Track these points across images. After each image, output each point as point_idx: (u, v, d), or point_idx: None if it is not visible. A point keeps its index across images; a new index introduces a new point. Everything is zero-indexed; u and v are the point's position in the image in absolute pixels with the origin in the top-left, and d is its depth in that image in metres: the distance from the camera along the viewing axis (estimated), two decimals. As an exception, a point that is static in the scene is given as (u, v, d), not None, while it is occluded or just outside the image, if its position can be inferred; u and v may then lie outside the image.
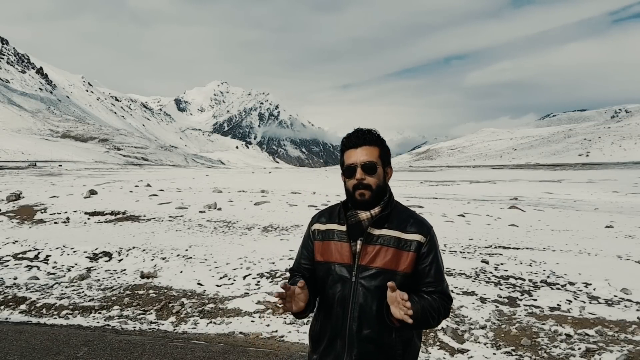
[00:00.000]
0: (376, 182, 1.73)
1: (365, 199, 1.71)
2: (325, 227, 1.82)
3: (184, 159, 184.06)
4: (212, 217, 12.11)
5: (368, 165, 1.71)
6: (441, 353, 4.25)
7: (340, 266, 1.74)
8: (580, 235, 10.93)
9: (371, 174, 1.72)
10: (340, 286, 1.73)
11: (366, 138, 1.75)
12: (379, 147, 1.76)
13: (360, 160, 1.71)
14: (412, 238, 1.72)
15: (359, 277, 1.70)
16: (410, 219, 1.77)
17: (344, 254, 1.74)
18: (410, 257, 1.71)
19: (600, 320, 4.75)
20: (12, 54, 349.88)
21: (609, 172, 63.25)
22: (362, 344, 1.69)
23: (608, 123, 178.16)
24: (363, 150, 1.73)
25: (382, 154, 1.77)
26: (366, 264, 1.70)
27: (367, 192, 1.71)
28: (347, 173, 1.75)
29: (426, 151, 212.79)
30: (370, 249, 1.70)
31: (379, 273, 1.69)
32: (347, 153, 1.76)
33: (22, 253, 7.94)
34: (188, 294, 5.79)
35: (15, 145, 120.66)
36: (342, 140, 1.82)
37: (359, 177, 1.71)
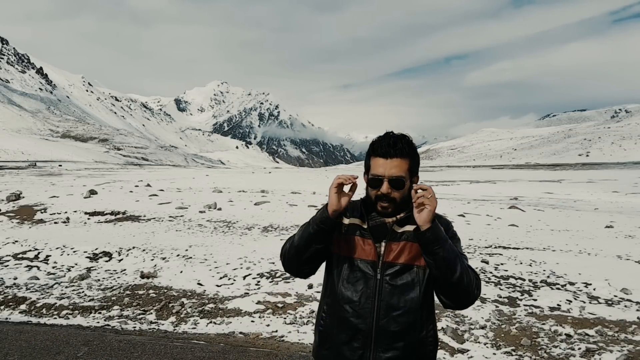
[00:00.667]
0: (401, 196, 1.65)
1: (388, 211, 1.66)
2: (348, 220, 1.73)
3: (184, 159, 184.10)
4: (212, 217, 12.11)
5: (396, 180, 1.62)
6: (441, 353, 4.25)
7: (364, 262, 1.68)
8: (580, 235, 10.93)
9: (398, 189, 1.63)
10: (364, 282, 1.67)
11: (398, 149, 1.62)
12: (410, 158, 1.65)
13: (388, 174, 1.61)
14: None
15: (384, 274, 1.66)
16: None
17: (368, 251, 1.68)
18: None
19: (600, 320, 4.75)
20: (12, 54, 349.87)
21: (609, 172, 63.26)
22: (391, 341, 1.65)
23: (608, 123, 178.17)
24: (393, 162, 1.62)
25: (412, 165, 1.66)
26: (391, 260, 1.65)
27: (391, 205, 1.64)
28: (372, 183, 1.65)
29: (426, 151, 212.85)
30: (395, 245, 1.66)
31: (404, 269, 1.65)
32: (375, 161, 1.64)
33: (22, 253, 7.94)
34: (188, 294, 5.79)
35: (15, 145, 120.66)
36: (371, 142, 1.70)
37: (385, 191, 1.62)
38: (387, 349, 1.65)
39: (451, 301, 1.65)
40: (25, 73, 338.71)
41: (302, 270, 1.76)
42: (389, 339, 1.65)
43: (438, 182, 46.25)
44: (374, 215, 1.71)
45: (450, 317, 4.85)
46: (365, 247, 1.68)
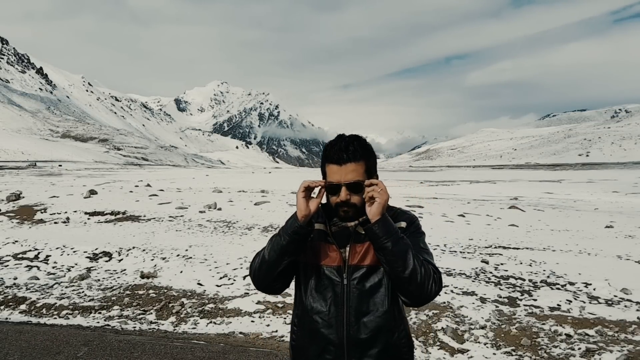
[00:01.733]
0: (360, 201, 1.58)
1: (350, 215, 1.60)
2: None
3: (184, 159, 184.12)
4: (212, 217, 12.11)
5: (353, 185, 1.56)
6: (441, 353, 4.25)
7: (330, 269, 1.61)
8: (580, 235, 10.93)
9: (357, 193, 1.57)
10: (332, 290, 1.61)
11: (350, 153, 1.56)
12: (365, 160, 1.60)
13: (344, 180, 1.56)
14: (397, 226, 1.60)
15: (351, 278, 1.60)
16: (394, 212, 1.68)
17: (333, 257, 1.62)
18: None
19: (600, 320, 4.75)
20: (12, 54, 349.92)
21: (609, 172, 63.27)
22: (364, 349, 1.59)
23: (608, 123, 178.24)
24: (348, 167, 1.56)
25: (368, 166, 1.61)
26: (357, 263, 1.60)
27: (352, 209, 1.58)
28: (330, 190, 1.59)
29: (426, 151, 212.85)
30: (359, 247, 1.60)
31: (370, 270, 1.59)
32: (330, 168, 1.59)
33: (22, 253, 7.95)
34: (188, 294, 5.79)
35: (15, 145, 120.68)
36: (325, 146, 1.64)
37: (344, 197, 1.56)
38: (361, 357, 1.59)
39: (406, 297, 1.57)
40: (25, 73, 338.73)
41: (274, 287, 1.67)
42: (362, 348, 1.59)
43: (438, 182, 46.24)
44: (336, 220, 1.66)
45: (450, 317, 4.85)
46: (331, 253, 1.62)
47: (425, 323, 4.76)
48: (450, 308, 5.09)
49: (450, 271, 6.73)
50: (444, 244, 9.11)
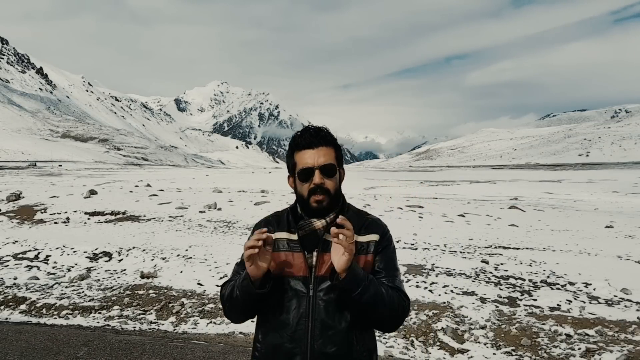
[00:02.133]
0: (334, 187, 1.56)
1: (323, 205, 1.54)
2: (274, 236, 1.59)
3: (184, 159, 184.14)
4: (212, 217, 12.11)
5: (327, 167, 1.54)
6: (441, 353, 4.25)
7: (296, 280, 1.54)
8: (580, 236, 10.93)
9: (330, 177, 1.55)
10: (297, 302, 1.53)
11: (322, 137, 1.57)
12: (334, 147, 1.60)
13: (318, 162, 1.53)
14: (368, 239, 1.59)
15: (317, 290, 1.52)
16: (365, 221, 1.64)
17: (299, 266, 1.54)
18: (368, 260, 1.57)
19: (600, 320, 4.75)
20: (12, 54, 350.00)
21: (609, 172, 63.30)
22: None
23: (608, 123, 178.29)
24: (320, 151, 1.55)
25: (337, 155, 1.60)
26: (324, 274, 1.52)
27: (325, 197, 1.54)
28: (302, 176, 1.55)
29: (426, 151, 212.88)
30: (327, 257, 1.51)
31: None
32: (301, 154, 1.56)
33: (22, 253, 7.95)
34: (188, 294, 5.79)
35: (15, 145, 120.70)
36: (292, 138, 1.62)
37: (318, 181, 1.52)
38: None
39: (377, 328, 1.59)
40: (25, 73, 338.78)
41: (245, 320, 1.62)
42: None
43: (438, 182, 46.25)
44: (303, 224, 1.59)
45: (450, 317, 4.85)
46: (296, 262, 1.55)
47: (425, 323, 4.76)
48: (450, 308, 5.09)
49: (450, 271, 6.73)
50: (444, 244, 9.11)
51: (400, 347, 4.36)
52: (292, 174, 1.63)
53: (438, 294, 5.59)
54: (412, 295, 5.49)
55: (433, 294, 5.57)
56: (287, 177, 1.67)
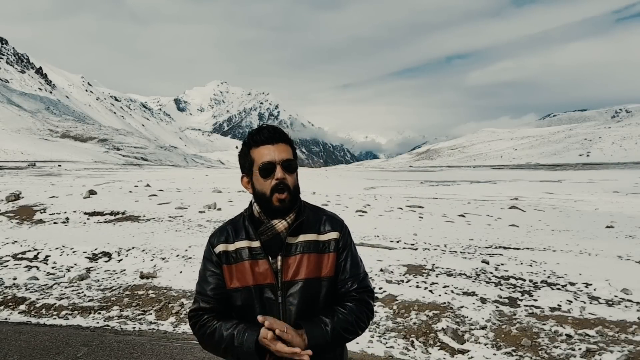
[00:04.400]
0: (294, 183, 1.55)
1: (286, 203, 1.51)
2: (233, 246, 1.57)
3: (183, 159, 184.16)
4: (211, 217, 12.10)
5: (288, 163, 1.53)
6: (441, 353, 4.24)
7: (263, 288, 1.52)
8: (581, 236, 10.93)
9: (291, 173, 1.54)
10: (267, 310, 1.51)
11: (280, 134, 1.57)
12: (291, 145, 1.60)
13: (279, 158, 1.52)
14: (329, 237, 1.58)
15: (286, 295, 1.52)
16: (322, 218, 1.62)
17: (265, 274, 1.52)
18: (331, 258, 1.57)
19: (601, 320, 4.74)
20: (12, 53, 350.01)
21: (610, 172, 63.32)
22: None
23: (608, 123, 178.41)
24: (280, 147, 1.54)
25: (294, 152, 1.60)
26: (290, 278, 1.52)
27: (287, 194, 1.51)
28: (263, 172, 1.51)
29: (426, 151, 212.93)
30: (292, 260, 1.52)
31: (305, 285, 1.52)
32: (261, 150, 1.53)
33: (21, 253, 7.93)
34: (188, 294, 5.78)
35: (15, 145, 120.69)
36: (248, 135, 1.60)
37: (280, 176, 1.50)
38: None
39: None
40: (24, 73, 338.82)
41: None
42: None
43: (438, 182, 46.24)
44: (265, 228, 1.55)
45: (451, 318, 4.84)
46: (260, 270, 1.52)
47: (426, 323, 4.75)
48: (450, 308, 5.08)
49: (450, 271, 6.72)
50: (444, 244, 9.10)
51: (400, 347, 4.35)
52: (248, 173, 1.58)
53: (438, 294, 5.58)
54: (413, 296, 5.48)
55: (433, 294, 5.56)
56: (241, 178, 1.63)
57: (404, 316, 4.97)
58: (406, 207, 15.74)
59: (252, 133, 1.59)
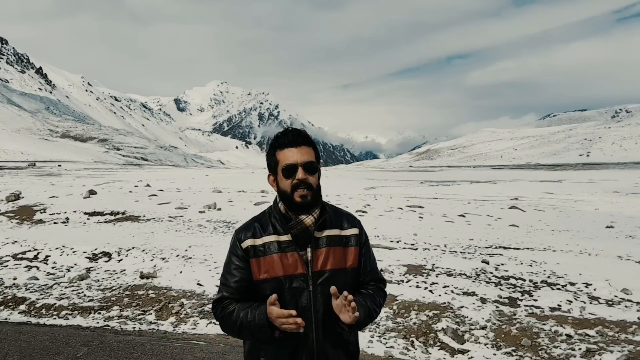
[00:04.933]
0: (316, 182, 1.68)
1: (308, 200, 1.65)
2: (261, 241, 1.69)
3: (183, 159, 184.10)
4: (211, 217, 12.10)
5: (309, 165, 1.66)
6: (441, 353, 4.24)
7: (294, 278, 1.65)
8: (581, 236, 10.93)
9: (312, 174, 1.67)
10: (298, 298, 1.64)
11: (303, 137, 1.70)
12: (314, 148, 1.73)
13: (300, 160, 1.65)
14: (350, 233, 1.76)
15: (317, 284, 1.65)
16: (342, 215, 1.80)
17: (295, 265, 1.65)
18: (354, 251, 1.74)
19: (601, 320, 4.74)
20: (12, 53, 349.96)
21: (610, 172, 63.32)
22: (331, 349, 1.68)
23: (609, 123, 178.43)
24: (302, 149, 1.67)
25: (317, 154, 1.74)
26: (320, 268, 1.66)
27: (309, 192, 1.64)
28: (286, 173, 1.65)
29: (426, 151, 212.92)
30: (320, 252, 1.67)
31: (333, 274, 1.67)
32: (284, 152, 1.67)
33: (21, 253, 7.94)
34: (188, 295, 5.78)
35: (15, 145, 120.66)
36: (274, 138, 1.73)
37: (301, 177, 1.63)
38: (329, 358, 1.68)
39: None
40: (24, 73, 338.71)
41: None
42: (330, 349, 1.68)
43: (438, 182, 46.24)
44: (294, 223, 1.67)
45: (451, 318, 4.84)
46: (290, 262, 1.65)
47: (426, 323, 4.75)
48: (450, 308, 5.08)
49: (450, 271, 6.72)
50: (444, 244, 9.10)
51: (400, 347, 4.35)
52: (273, 172, 1.72)
53: (438, 294, 5.58)
54: (413, 296, 5.48)
55: (433, 294, 5.56)
56: (268, 176, 1.77)
57: (404, 316, 4.97)
58: (406, 207, 15.74)
59: (278, 136, 1.71)
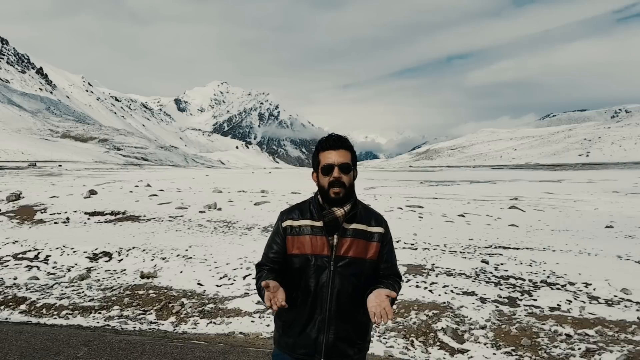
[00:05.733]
0: (349, 181, 1.97)
1: (340, 196, 1.94)
2: (298, 223, 2.02)
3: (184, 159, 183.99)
4: (212, 217, 12.10)
5: (344, 166, 1.95)
6: (441, 353, 4.25)
7: (319, 257, 1.95)
8: (581, 236, 10.93)
9: (346, 174, 1.96)
10: (318, 275, 1.95)
11: (342, 142, 1.99)
12: (351, 151, 2.01)
13: (337, 161, 1.94)
14: (375, 230, 2.02)
15: (337, 265, 1.95)
16: (372, 215, 2.06)
17: (322, 247, 1.95)
18: (375, 246, 2.01)
19: (600, 320, 4.75)
20: (12, 54, 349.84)
21: (609, 172, 63.30)
22: (340, 322, 1.96)
23: (608, 123, 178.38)
24: (340, 152, 1.96)
25: (353, 157, 2.01)
26: (342, 254, 1.95)
27: (342, 189, 1.94)
28: (324, 171, 1.96)
29: (426, 151, 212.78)
30: (345, 241, 1.96)
31: (352, 261, 1.96)
32: (325, 154, 1.97)
33: (22, 253, 7.94)
34: (188, 294, 5.79)
35: (15, 145, 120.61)
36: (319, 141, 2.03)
37: (336, 175, 1.93)
38: (338, 330, 1.96)
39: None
40: (25, 73, 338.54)
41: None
42: (339, 322, 1.96)
43: (438, 182, 46.24)
44: (327, 212, 1.98)
45: (450, 317, 4.85)
46: (319, 243, 1.96)
47: (425, 323, 4.76)
48: (450, 308, 5.09)
49: (450, 271, 6.73)
50: (444, 244, 9.11)
51: (400, 347, 4.36)
52: (316, 170, 2.03)
53: (438, 294, 5.59)
54: (412, 295, 5.49)
55: (433, 294, 5.57)
56: (312, 173, 2.08)
57: (403, 316, 4.98)
58: (406, 207, 15.75)
59: (322, 140, 2.03)
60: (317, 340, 1.96)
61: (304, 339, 1.99)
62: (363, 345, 2.06)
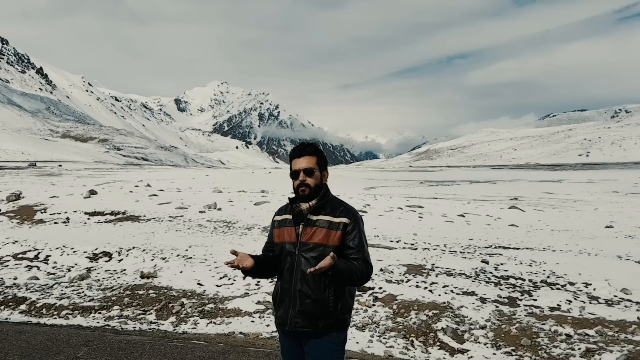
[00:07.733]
0: (314, 182, 2.34)
1: (306, 194, 2.33)
2: (281, 217, 2.47)
3: (184, 159, 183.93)
4: (212, 217, 12.10)
5: (307, 171, 2.34)
6: (441, 353, 4.25)
7: (289, 244, 2.35)
8: (580, 236, 10.93)
9: (310, 176, 2.34)
10: (289, 258, 2.34)
11: (306, 150, 2.37)
12: (316, 156, 2.38)
13: (302, 166, 2.34)
14: (340, 220, 2.31)
15: (301, 250, 2.31)
16: (340, 207, 2.36)
17: (291, 235, 2.35)
18: (337, 234, 2.29)
19: (600, 320, 4.75)
20: (12, 54, 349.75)
21: (609, 172, 63.29)
22: (303, 299, 2.28)
23: (608, 123, 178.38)
24: (304, 159, 2.36)
25: (319, 161, 2.38)
26: (306, 240, 2.30)
27: (307, 189, 2.33)
28: (293, 175, 2.39)
29: (426, 151, 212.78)
30: (309, 230, 2.31)
31: (314, 247, 2.28)
32: (293, 161, 2.39)
33: (22, 253, 7.95)
34: (188, 294, 5.80)
35: (15, 145, 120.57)
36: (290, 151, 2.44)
37: (301, 178, 2.34)
38: (301, 304, 2.28)
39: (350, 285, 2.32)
40: (25, 73, 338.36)
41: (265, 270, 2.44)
42: (302, 297, 2.28)
43: (438, 182, 46.24)
44: (295, 207, 2.36)
45: (450, 317, 4.85)
46: (289, 233, 2.37)
47: (425, 323, 4.76)
48: (450, 308, 5.09)
49: (450, 271, 6.73)
50: (444, 244, 9.11)
51: (400, 347, 4.36)
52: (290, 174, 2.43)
53: (438, 294, 5.59)
54: (412, 295, 5.49)
55: (433, 294, 5.57)
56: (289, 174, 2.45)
57: (403, 316, 4.98)
58: (406, 207, 15.74)
59: (291, 150, 2.45)
60: (286, 313, 2.33)
61: (279, 312, 2.38)
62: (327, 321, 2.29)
